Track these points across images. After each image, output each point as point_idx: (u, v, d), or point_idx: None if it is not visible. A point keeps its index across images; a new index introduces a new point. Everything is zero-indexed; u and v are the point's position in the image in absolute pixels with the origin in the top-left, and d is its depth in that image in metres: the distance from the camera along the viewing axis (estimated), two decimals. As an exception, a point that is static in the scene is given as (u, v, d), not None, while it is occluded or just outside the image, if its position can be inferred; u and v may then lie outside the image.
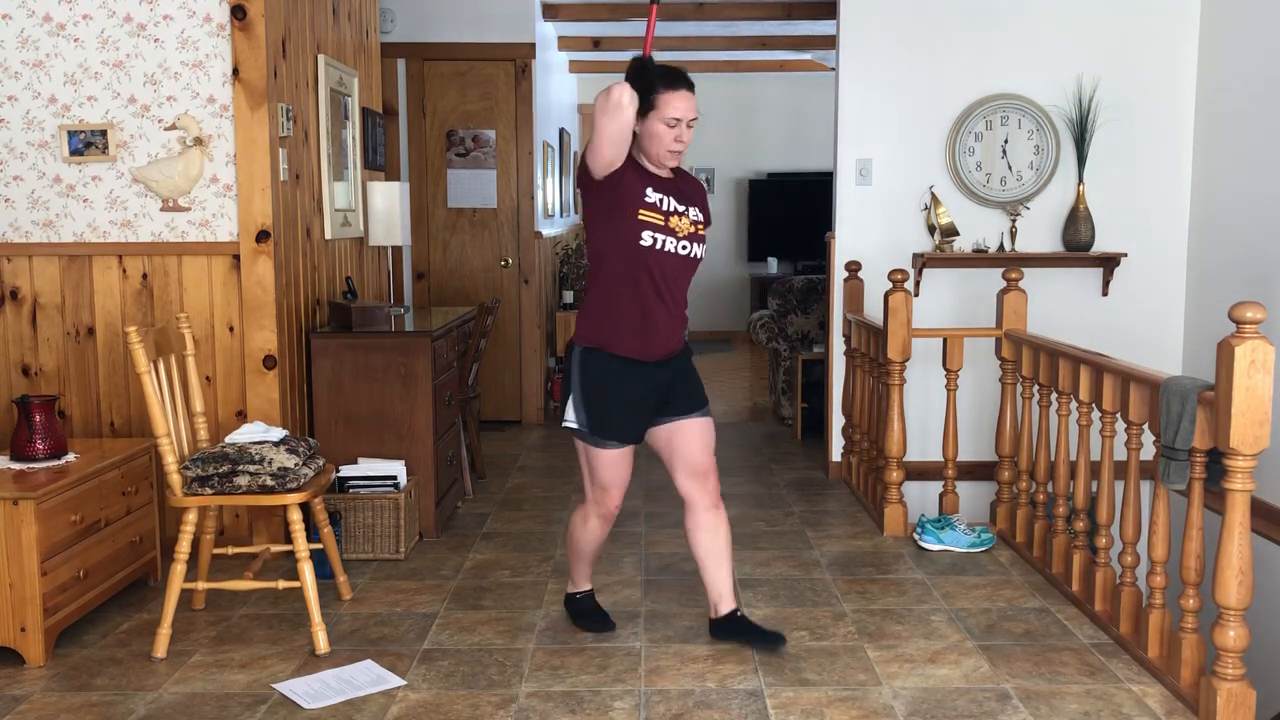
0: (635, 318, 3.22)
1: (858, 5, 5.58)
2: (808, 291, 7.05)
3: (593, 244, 3.27)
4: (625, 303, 3.21)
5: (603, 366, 3.25)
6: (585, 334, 3.29)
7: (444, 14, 7.03)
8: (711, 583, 3.47)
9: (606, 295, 3.24)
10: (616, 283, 3.21)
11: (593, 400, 3.26)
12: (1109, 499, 3.59)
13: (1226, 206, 5.29)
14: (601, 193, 3.17)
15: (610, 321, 3.23)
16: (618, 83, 3.01)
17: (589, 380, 3.27)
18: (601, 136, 3.02)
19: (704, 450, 3.38)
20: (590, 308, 3.29)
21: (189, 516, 3.43)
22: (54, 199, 4.21)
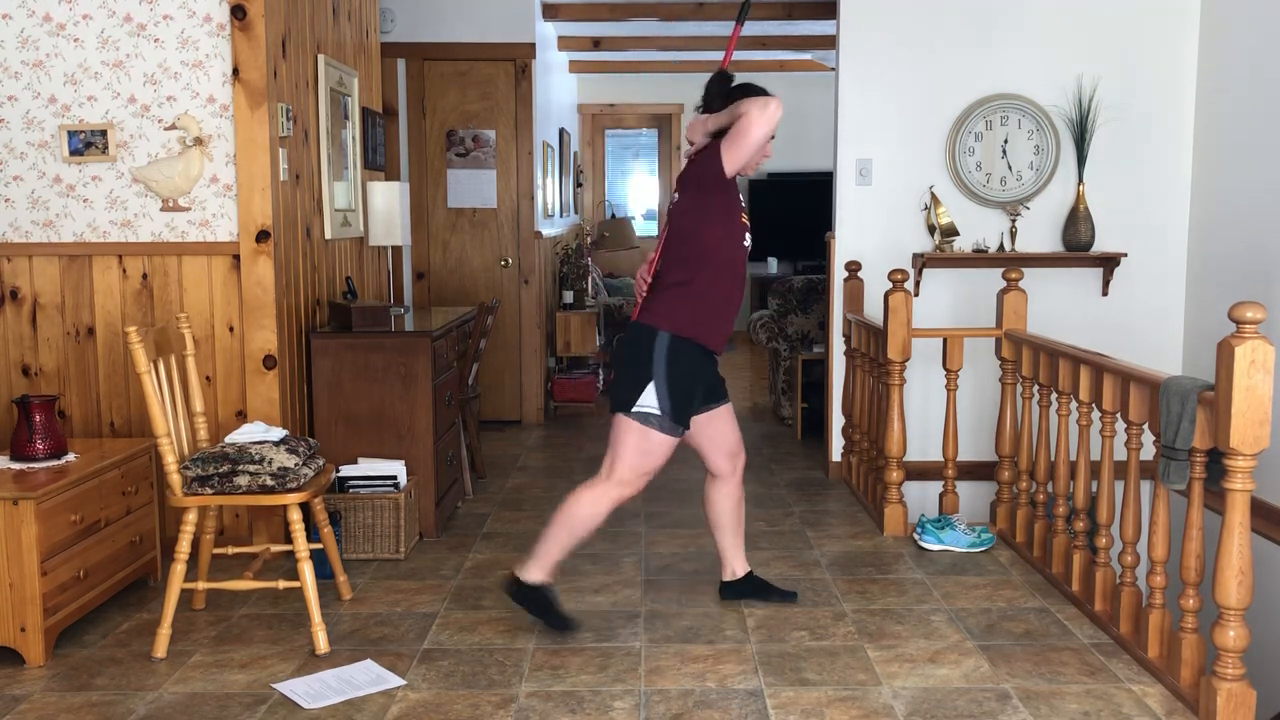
0: (729, 311, 3.47)
1: (858, 5, 5.58)
2: (808, 291, 7.06)
3: (698, 240, 3.40)
4: (724, 298, 3.44)
5: (692, 355, 3.42)
6: (679, 323, 3.39)
7: (444, 14, 7.03)
8: (731, 546, 3.79)
9: (709, 289, 3.40)
10: (719, 278, 3.42)
11: (679, 387, 3.38)
12: (1109, 499, 3.59)
13: (1226, 206, 5.29)
14: (724, 192, 3.41)
15: (709, 314, 3.42)
16: (772, 97, 3.32)
17: (679, 367, 3.38)
18: (755, 143, 3.29)
19: (736, 431, 3.72)
20: (688, 299, 3.40)
21: (189, 516, 3.43)
22: (54, 199, 4.22)
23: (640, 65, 10.76)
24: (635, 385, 3.37)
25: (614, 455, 3.42)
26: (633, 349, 3.41)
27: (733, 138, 3.30)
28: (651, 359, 3.35)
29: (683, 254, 3.41)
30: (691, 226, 3.40)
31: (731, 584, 3.83)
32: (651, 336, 3.37)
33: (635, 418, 3.37)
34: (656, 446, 3.40)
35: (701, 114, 3.50)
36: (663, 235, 3.49)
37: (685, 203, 3.43)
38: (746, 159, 3.33)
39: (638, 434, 3.39)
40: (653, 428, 3.37)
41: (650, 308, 3.43)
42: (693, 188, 3.41)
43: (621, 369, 3.44)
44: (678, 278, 3.41)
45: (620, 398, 3.41)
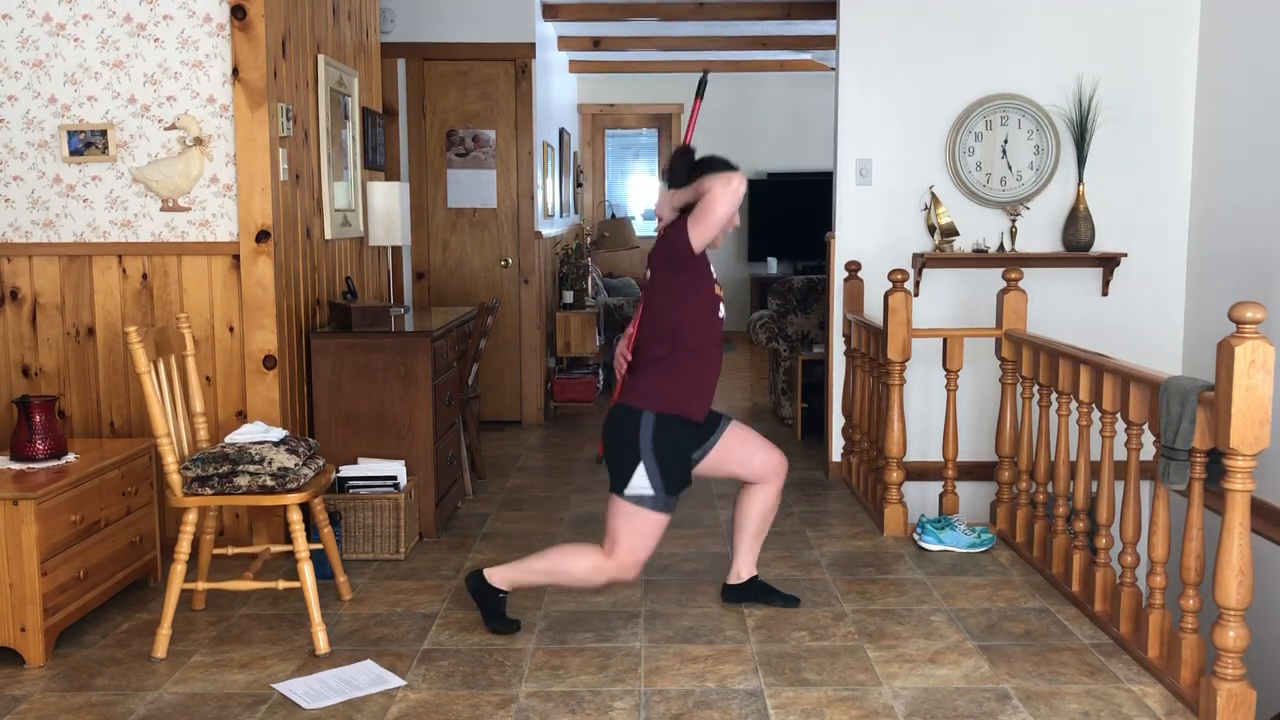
0: (709, 382, 3.52)
1: (858, 5, 5.58)
2: (808, 291, 7.05)
3: (673, 315, 3.45)
4: (703, 369, 3.48)
5: (678, 430, 3.45)
6: (660, 400, 3.42)
7: (444, 14, 7.03)
8: (746, 549, 3.80)
9: (688, 363, 3.45)
10: (697, 351, 3.46)
11: (668, 464, 3.42)
12: (1109, 499, 3.59)
13: (1226, 206, 5.29)
14: (695, 268, 3.44)
15: (688, 387, 3.46)
16: (735, 173, 3.34)
17: (665, 445, 3.42)
18: (720, 219, 3.33)
19: (763, 445, 3.72)
20: (667, 375, 3.44)
21: (189, 516, 3.43)
22: (54, 199, 4.22)
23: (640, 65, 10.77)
24: (626, 468, 3.42)
25: (612, 537, 3.47)
26: (619, 431, 3.45)
27: (699, 215, 3.34)
28: (638, 440, 3.40)
29: (659, 330, 3.46)
30: (665, 303, 3.46)
31: (735, 587, 3.83)
32: (637, 418, 3.41)
33: (628, 500, 3.42)
34: (650, 527, 3.44)
35: (667, 189, 3.53)
36: (639, 311, 3.55)
37: (657, 280, 3.48)
38: (713, 235, 3.38)
39: (630, 515, 3.42)
40: (645, 508, 3.41)
41: (632, 386, 3.47)
42: (663, 265, 3.47)
43: (610, 450, 3.49)
44: (656, 354, 3.46)
45: (613, 480, 3.47)
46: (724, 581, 3.88)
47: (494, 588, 3.56)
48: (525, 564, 3.54)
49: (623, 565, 3.45)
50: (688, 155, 3.51)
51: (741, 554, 3.82)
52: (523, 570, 3.53)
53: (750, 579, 3.83)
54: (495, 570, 3.56)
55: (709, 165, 3.43)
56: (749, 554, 3.82)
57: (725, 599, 3.84)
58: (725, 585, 3.86)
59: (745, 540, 3.80)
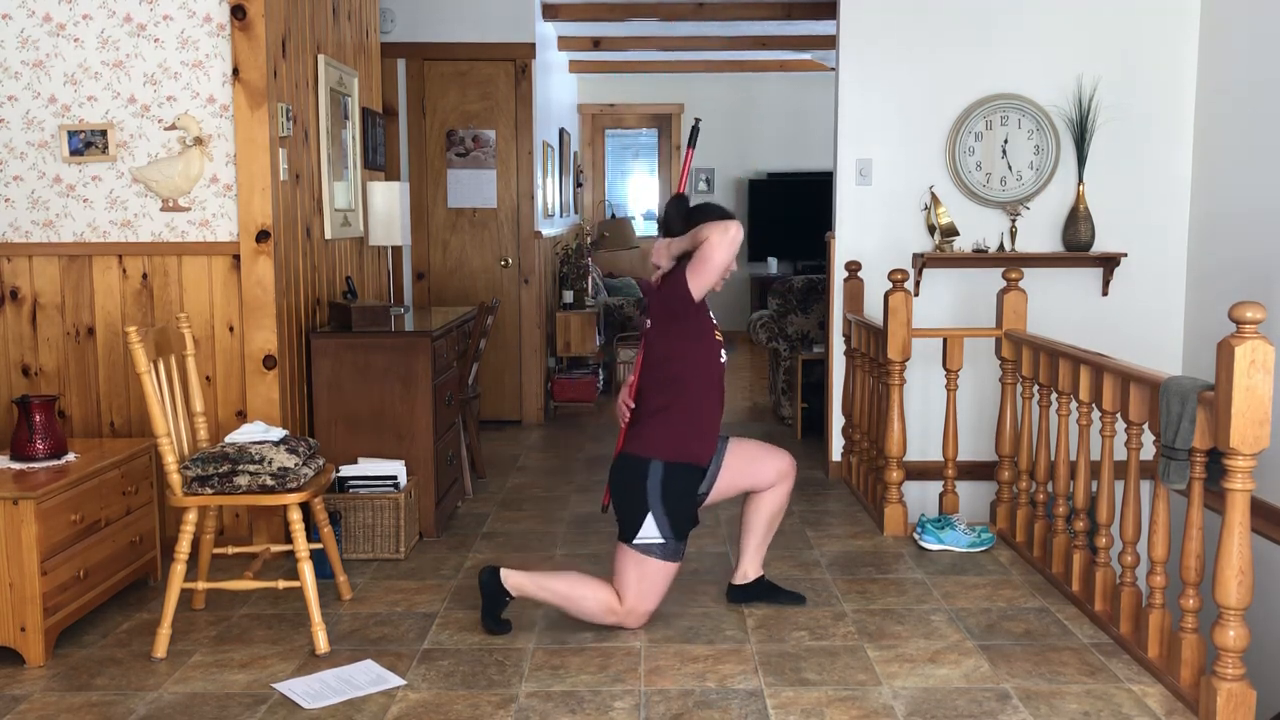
0: (714, 426, 3.55)
1: (858, 5, 5.58)
2: (808, 291, 7.05)
3: (675, 364, 3.49)
4: (708, 414, 3.53)
5: (687, 477, 3.51)
6: (670, 450, 3.46)
7: (444, 14, 7.03)
8: (753, 550, 3.80)
9: (692, 410, 3.49)
10: (700, 397, 3.51)
11: (675, 511, 3.46)
12: (1109, 499, 3.59)
13: (1226, 206, 5.29)
14: (696, 316, 3.48)
15: (694, 433, 3.51)
16: (732, 221, 3.37)
17: (674, 493, 3.46)
18: (719, 267, 3.37)
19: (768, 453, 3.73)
20: (672, 424, 3.47)
21: (189, 516, 3.43)
22: (54, 199, 4.22)
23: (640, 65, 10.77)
24: (635, 518, 3.45)
25: (621, 584, 3.51)
26: (626, 481, 3.49)
27: (697, 264, 3.37)
28: (645, 490, 3.44)
29: (661, 378, 3.49)
30: (666, 351, 3.49)
31: (741, 587, 3.83)
32: (644, 467, 3.45)
33: (637, 549, 3.46)
34: (658, 574, 3.49)
35: (663, 237, 3.55)
36: (639, 359, 3.57)
37: (658, 330, 3.51)
38: (712, 283, 3.42)
39: (640, 563, 3.47)
40: (654, 557, 3.46)
41: (637, 435, 3.50)
42: (663, 314, 3.50)
43: (617, 499, 3.52)
44: (659, 403, 3.49)
45: (621, 529, 3.51)
46: (729, 582, 3.88)
47: (504, 589, 3.56)
48: (543, 580, 3.55)
49: (630, 612, 3.51)
50: (683, 203, 3.55)
51: (748, 555, 3.81)
52: (538, 584, 3.54)
53: (757, 579, 3.83)
54: (512, 574, 3.56)
55: (705, 213, 3.46)
56: (756, 555, 3.81)
57: (731, 599, 3.84)
58: (731, 585, 3.86)
59: (753, 541, 3.80)
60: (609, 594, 3.51)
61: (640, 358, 3.57)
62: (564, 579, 3.55)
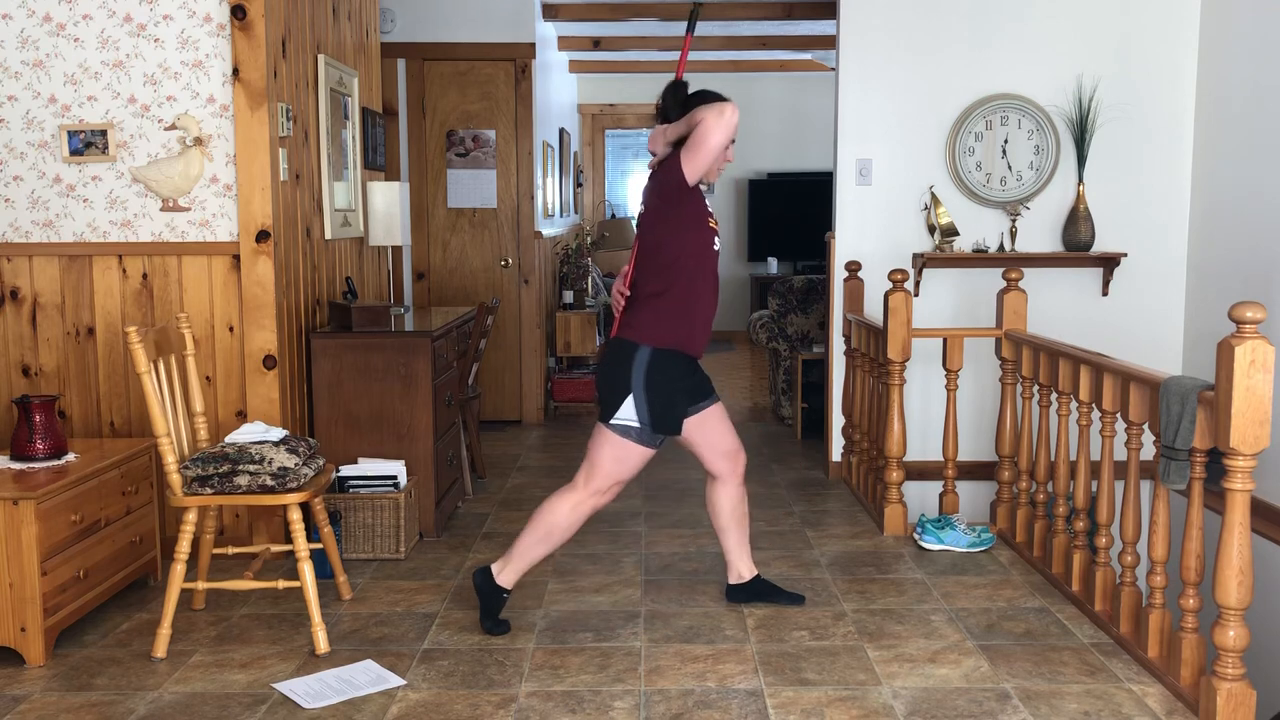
0: (707, 316, 3.50)
1: (858, 5, 5.58)
2: (808, 291, 7.06)
3: (669, 250, 3.44)
4: (701, 303, 3.47)
5: (675, 366, 3.46)
6: (659, 336, 3.43)
7: (444, 14, 7.03)
8: (736, 549, 3.80)
9: (685, 297, 3.44)
10: (694, 285, 3.45)
11: (659, 399, 3.42)
12: (1109, 499, 3.59)
13: (1226, 206, 5.29)
14: (690, 201, 3.42)
15: (687, 321, 3.45)
16: (727, 101, 3.31)
17: (659, 380, 3.42)
18: (714, 149, 3.30)
19: (731, 432, 3.72)
20: (665, 310, 3.43)
21: (189, 516, 3.43)
22: (54, 199, 4.22)
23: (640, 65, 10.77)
24: (615, 398, 3.43)
25: (591, 464, 3.50)
26: (613, 362, 3.46)
27: (691, 146, 3.33)
28: (630, 373, 3.41)
29: (655, 265, 3.46)
30: (661, 237, 3.45)
31: (738, 587, 3.83)
32: (632, 351, 3.42)
33: (614, 430, 3.44)
34: (632, 456, 3.47)
35: (660, 124, 3.52)
36: (635, 248, 3.54)
37: (652, 215, 3.47)
38: (707, 166, 3.36)
39: (615, 445, 3.45)
40: (631, 439, 3.44)
41: (629, 321, 3.47)
42: (658, 199, 3.46)
43: (602, 381, 3.50)
44: (653, 289, 3.45)
45: (601, 409, 3.48)
46: (727, 583, 3.88)
47: (499, 586, 3.56)
48: (517, 548, 3.55)
49: (599, 490, 3.49)
50: (680, 89, 3.50)
51: (733, 554, 3.81)
52: (519, 555, 3.54)
53: (753, 578, 3.83)
54: (500, 567, 3.56)
55: (701, 98, 3.42)
56: (740, 552, 3.82)
57: (730, 599, 3.84)
58: (729, 586, 3.86)
59: (731, 541, 3.80)
60: (567, 493, 3.51)
61: (635, 246, 3.53)
62: (529, 527, 3.55)
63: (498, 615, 3.58)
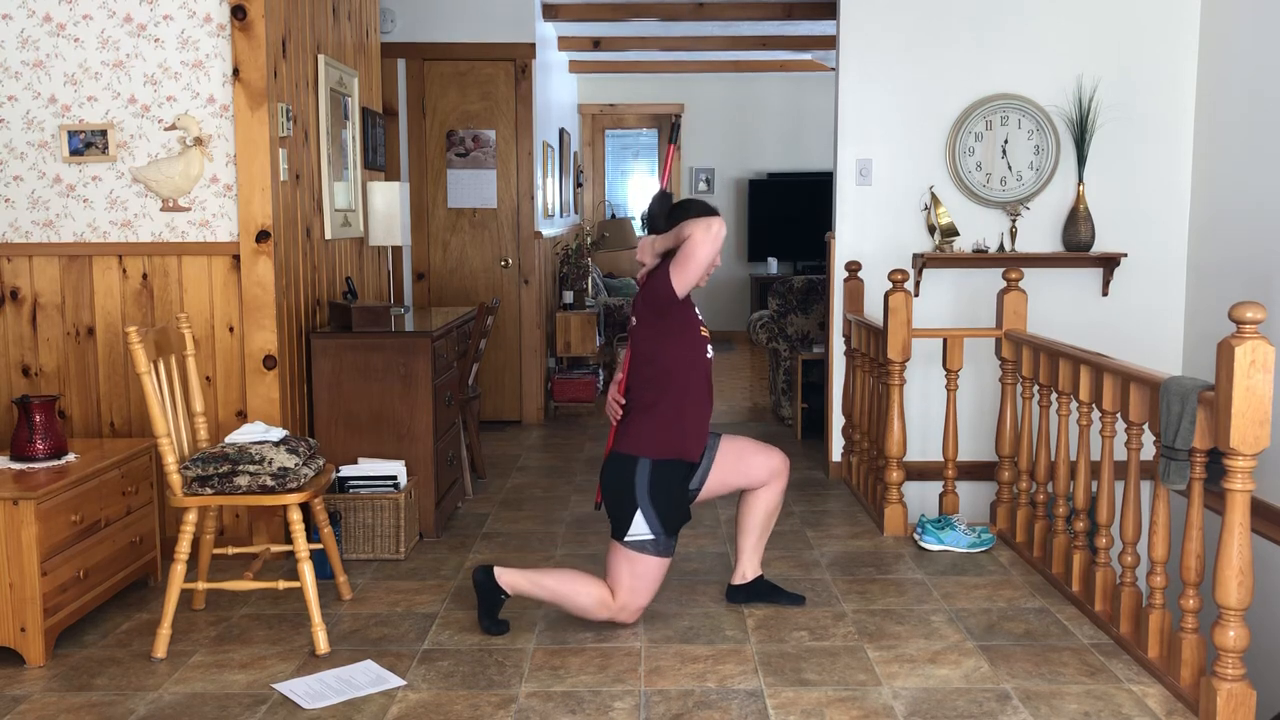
0: (702, 422, 3.57)
1: (858, 5, 5.58)
2: (808, 291, 7.06)
3: (661, 361, 3.49)
4: (695, 411, 3.53)
5: (676, 474, 3.51)
6: (657, 447, 3.48)
7: (444, 14, 7.03)
8: (750, 550, 3.81)
9: (679, 406, 3.50)
10: (687, 394, 3.51)
11: (665, 508, 3.47)
12: (1109, 499, 3.59)
13: (1226, 206, 5.29)
14: (679, 313, 3.48)
15: (681, 430, 3.51)
16: (715, 217, 3.37)
17: (663, 490, 3.47)
18: (702, 264, 3.36)
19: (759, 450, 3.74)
20: (660, 421, 3.49)
21: (189, 516, 3.43)
22: (54, 199, 4.22)
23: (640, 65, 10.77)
24: (625, 515, 3.47)
25: (614, 580, 3.53)
26: (615, 480, 3.50)
27: (680, 261, 3.37)
28: (634, 488, 3.45)
29: (648, 376, 3.51)
30: (652, 349, 3.50)
31: (740, 587, 3.84)
32: (633, 466, 3.47)
33: (629, 546, 3.48)
34: (650, 570, 3.50)
35: (648, 235, 3.56)
36: (627, 357, 3.58)
37: (643, 327, 3.52)
38: (696, 280, 3.40)
39: (632, 560, 3.49)
40: (646, 553, 3.47)
41: (626, 434, 3.52)
42: (648, 312, 3.50)
43: (609, 498, 3.54)
44: (647, 400, 3.50)
45: (613, 527, 3.52)
46: (728, 582, 3.88)
47: (499, 587, 3.56)
48: (537, 576, 3.55)
49: (623, 608, 3.52)
50: (666, 200, 3.57)
51: (746, 555, 3.82)
52: (532, 581, 3.54)
53: (756, 579, 3.83)
54: (505, 572, 3.56)
55: (688, 210, 3.47)
56: (754, 555, 3.82)
57: (730, 599, 3.84)
58: (730, 585, 3.86)
59: (750, 541, 3.80)
60: (602, 589, 3.51)
61: (628, 355, 3.57)
62: (557, 575, 3.56)
63: (496, 615, 3.58)
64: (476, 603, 3.62)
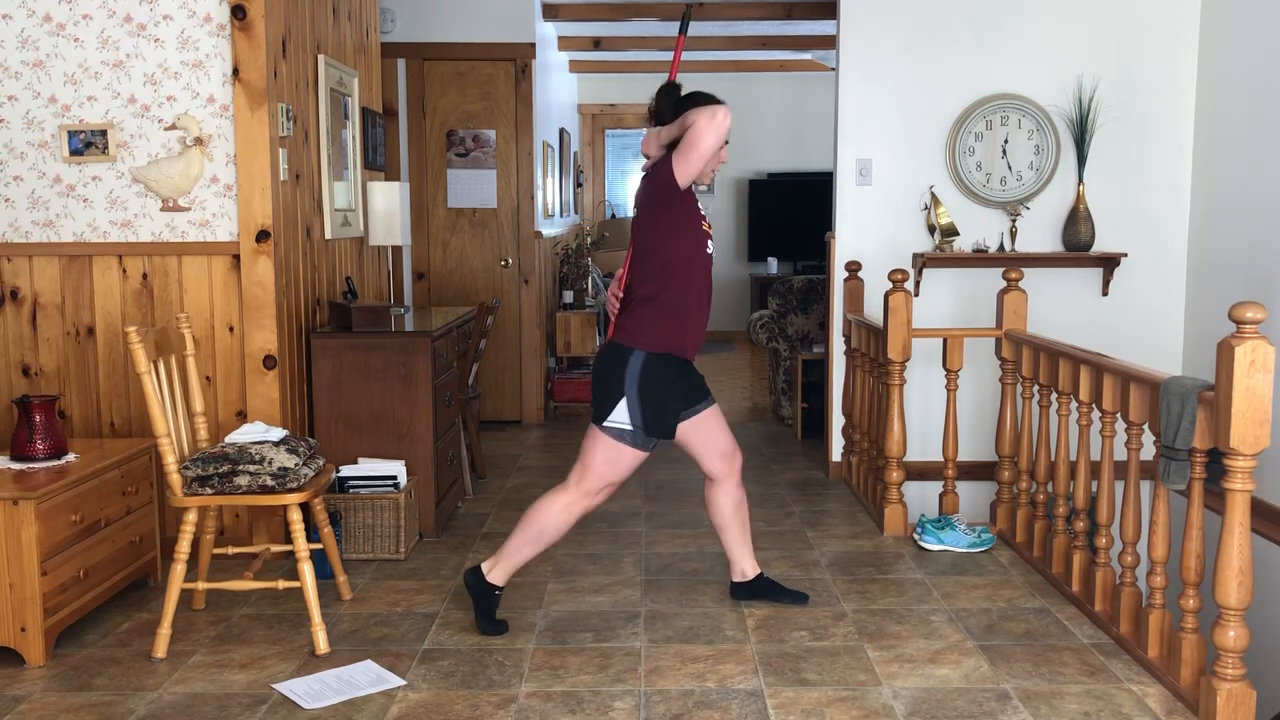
0: (700, 319, 3.51)
1: (858, 5, 5.58)
2: (808, 291, 7.06)
3: (661, 254, 3.44)
4: (693, 306, 3.48)
5: (668, 369, 3.46)
6: (653, 340, 3.44)
7: (444, 14, 7.03)
8: (738, 547, 3.81)
9: (678, 300, 3.45)
10: (687, 288, 3.46)
11: (652, 402, 3.43)
12: (1109, 499, 3.59)
13: (1226, 206, 5.29)
14: (681, 204, 3.42)
15: (680, 325, 3.46)
16: (719, 104, 3.29)
17: (652, 383, 3.43)
18: (706, 152, 3.30)
19: (726, 433, 3.72)
20: (658, 314, 3.44)
21: (189, 516, 3.43)
22: (54, 199, 4.22)
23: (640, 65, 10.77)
24: (609, 400, 3.44)
25: (583, 465, 3.50)
26: (607, 366, 3.47)
27: (683, 149, 3.33)
28: (624, 376, 3.42)
29: (649, 269, 3.47)
30: (654, 241, 3.46)
31: (742, 585, 3.84)
32: (626, 354, 3.43)
33: (607, 432, 3.45)
34: (625, 458, 3.48)
35: (653, 127, 3.52)
36: (629, 250, 3.55)
37: (645, 218, 3.47)
38: (699, 169, 3.35)
39: (608, 447, 3.46)
40: (624, 443, 3.45)
41: (623, 325, 3.49)
42: (650, 202, 3.46)
43: (597, 383, 3.51)
44: (646, 293, 3.46)
45: (595, 411, 3.50)
46: (730, 581, 3.89)
47: (490, 584, 3.56)
48: (508, 547, 3.55)
49: (590, 490, 3.50)
50: (672, 91, 3.50)
51: (734, 551, 3.82)
52: (509, 554, 3.54)
53: (756, 576, 3.83)
54: (492, 567, 3.57)
55: (694, 100, 3.41)
56: (742, 551, 3.82)
57: (734, 596, 3.85)
58: (733, 584, 3.87)
59: (732, 539, 3.81)
60: (559, 494, 3.52)
61: (629, 250, 3.53)
62: (521, 527, 3.55)
63: (493, 615, 3.58)
64: (473, 606, 3.61)
